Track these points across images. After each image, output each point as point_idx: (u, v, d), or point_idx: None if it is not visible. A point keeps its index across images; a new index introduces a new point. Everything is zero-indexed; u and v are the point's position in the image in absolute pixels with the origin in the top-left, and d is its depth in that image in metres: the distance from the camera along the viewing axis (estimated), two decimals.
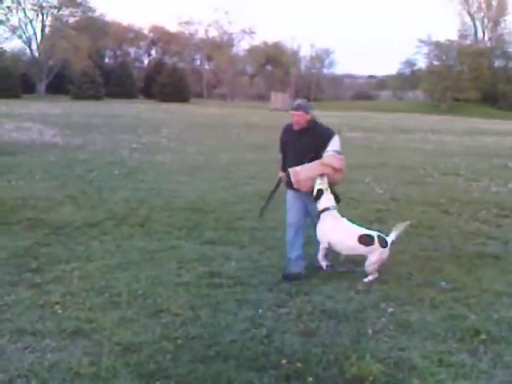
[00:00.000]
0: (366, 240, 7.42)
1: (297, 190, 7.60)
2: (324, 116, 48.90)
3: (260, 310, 6.28)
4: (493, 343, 5.63)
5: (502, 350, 5.50)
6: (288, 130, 7.86)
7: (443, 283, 7.30)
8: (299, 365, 5.03)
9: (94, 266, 7.56)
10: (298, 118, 7.55)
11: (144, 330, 5.69)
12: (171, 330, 5.71)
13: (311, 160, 7.45)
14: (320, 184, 7.41)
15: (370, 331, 5.82)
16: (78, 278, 7.11)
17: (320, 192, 7.41)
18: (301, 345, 5.43)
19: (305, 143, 7.54)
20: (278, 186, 8.11)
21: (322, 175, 7.40)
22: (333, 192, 7.55)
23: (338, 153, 7.46)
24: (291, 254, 7.73)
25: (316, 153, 7.46)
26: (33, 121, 31.11)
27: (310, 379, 4.80)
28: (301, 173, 7.43)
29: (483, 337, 5.72)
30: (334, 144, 7.45)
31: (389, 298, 6.75)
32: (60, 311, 6.07)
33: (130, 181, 14.25)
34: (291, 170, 7.47)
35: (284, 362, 5.08)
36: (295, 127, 7.64)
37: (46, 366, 4.88)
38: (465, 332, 5.84)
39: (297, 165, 7.51)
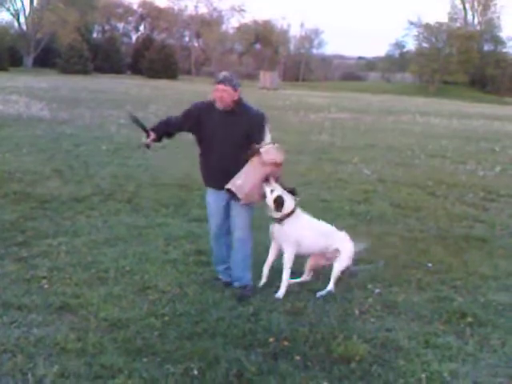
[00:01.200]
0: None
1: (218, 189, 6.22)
2: (313, 96, 48.96)
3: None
4: (479, 326, 5.66)
5: (489, 333, 5.53)
6: (208, 108, 6.25)
7: (429, 265, 7.33)
8: (286, 343, 5.04)
9: (80, 241, 7.52)
10: (223, 94, 6.02)
11: (131, 306, 5.67)
12: (158, 306, 5.70)
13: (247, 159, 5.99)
14: (274, 191, 6.08)
15: (356, 311, 5.84)
16: (65, 252, 7.07)
17: (280, 200, 6.11)
18: (288, 324, 5.44)
19: (235, 130, 6.06)
20: (137, 123, 6.42)
21: (267, 180, 6.03)
22: (286, 189, 6.25)
23: (273, 143, 6.12)
24: (218, 266, 6.56)
25: (248, 143, 5.96)
26: (20, 94, 30.81)
27: (298, 358, 4.82)
28: (245, 185, 5.90)
29: (470, 319, 5.76)
30: (267, 132, 6.15)
31: (375, 279, 6.76)
32: (46, 286, 6.04)
33: (117, 156, 14.17)
34: (232, 186, 5.88)
35: (271, 340, 5.08)
36: (219, 105, 6.09)
37: (32, 341, 4.85)
38: (451, 314, 5.87)
39: (221, 157, 6.10)
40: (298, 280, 6.56)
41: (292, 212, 6.28)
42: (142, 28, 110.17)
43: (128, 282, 6.24)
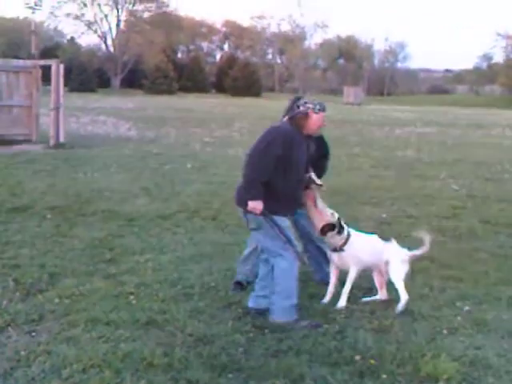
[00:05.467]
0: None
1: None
2: (398, 111, 48.43)
3: (332, 305, 6.20)
4: None
5: None
6: (295, 137, 5.83)
7: None
8: (373, 361, 4.94)
9: (166, 258, 7.62)
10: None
11: (216, 322, 5.69)
12: (243, 322, 5.69)
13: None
14: (333, 213, 6.17)
15: (445, 330, 5.68)
16: (152, 269, 7.17)
17: (340, 221, 6.16)
18: (374, 342, 5.34)
19: (307, 155, 6.00)
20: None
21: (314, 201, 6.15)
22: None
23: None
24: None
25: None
26: (107, 114, 31.70)
27: (384, 376, 4.72)
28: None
29: None
30: None
31: (465, 297, 6.59)
32: (134, 302, 6.12)
33: (202, 174, 14.34)
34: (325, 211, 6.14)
35: (357, 358, 5.00)
36: (314, 132, 6.03)
37: (119, 356, 4.90)
38: None
39: (300, 183, 5.96)
40: (376, 297, 6.47)
41: (348, 234, 6.25)
42: (225, 47, 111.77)
43: (213, 298, 6.27)
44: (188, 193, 11.88)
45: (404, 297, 6.18)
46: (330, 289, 6.38)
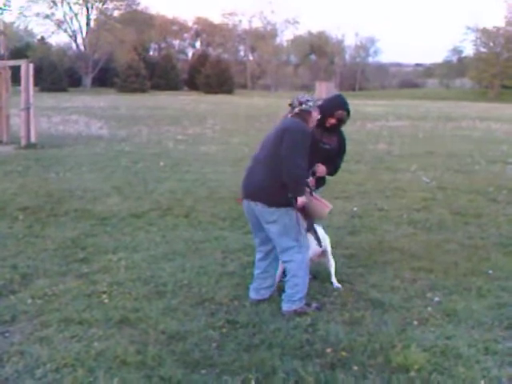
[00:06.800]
0: None
1: None
2: (370, 105, 48.65)
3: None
4: None
5: None
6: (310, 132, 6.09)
7: (490, 272, 7.21)
8: (344, 353, 5.00)
9: (140, 257, 7.62)
10: None
11: (189, 318, 5.71)
12: (216, 318, 5.72)
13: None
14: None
15: (415, 321, 5.76)
16: (125, 268, 7.17)
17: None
18: (346, 334, 5.40)
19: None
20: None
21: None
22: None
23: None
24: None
25: None
26: (79, 114, 31.51)
27: (355, 368, 4.78)
28: None
29: None
30: None
31: (435, 287, 6.68)
32: (107, 300, 6.13)
33: (174, 172, 14.32)
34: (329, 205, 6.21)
35: (329, 350, 5.06)
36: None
37: (92, 355, 4.92)
38: None
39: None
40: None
41: None
42: (197, 44, 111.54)
43: (186, 295, 6.30)
44: (160, 191, 11.87)
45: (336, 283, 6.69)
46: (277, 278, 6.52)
